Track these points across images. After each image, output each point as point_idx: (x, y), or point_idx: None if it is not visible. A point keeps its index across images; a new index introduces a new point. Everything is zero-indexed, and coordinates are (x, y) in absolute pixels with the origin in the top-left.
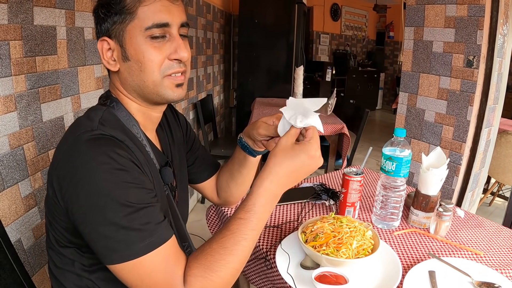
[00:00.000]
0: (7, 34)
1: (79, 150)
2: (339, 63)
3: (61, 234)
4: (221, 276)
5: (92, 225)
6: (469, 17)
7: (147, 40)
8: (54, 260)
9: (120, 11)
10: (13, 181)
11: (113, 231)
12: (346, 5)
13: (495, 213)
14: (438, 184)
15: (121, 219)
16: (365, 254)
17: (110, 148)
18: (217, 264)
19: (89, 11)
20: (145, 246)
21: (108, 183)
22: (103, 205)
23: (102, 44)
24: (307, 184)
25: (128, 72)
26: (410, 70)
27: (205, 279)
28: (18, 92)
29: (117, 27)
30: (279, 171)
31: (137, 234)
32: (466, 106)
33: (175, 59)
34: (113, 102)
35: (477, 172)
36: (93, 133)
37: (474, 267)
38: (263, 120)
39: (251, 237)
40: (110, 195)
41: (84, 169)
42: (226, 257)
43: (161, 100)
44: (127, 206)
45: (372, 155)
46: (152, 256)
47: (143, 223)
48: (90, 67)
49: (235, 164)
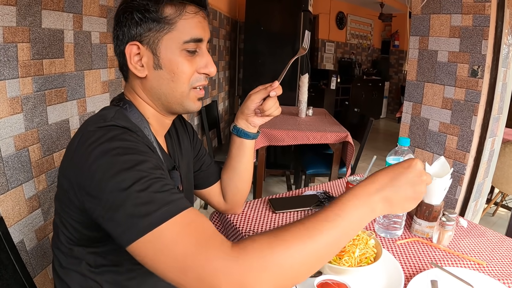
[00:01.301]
0: (15, 36)
1: (90, 136)
2: (344, 71)
3: (74, 230)
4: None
5: (108, 205)
6: (474, 27)
7: (182, 52)
8: (59, 260)
9: (158, 19)
10: (17, 182)
11: (131, 206)
12: (352, 14)
13: (499, 223)
14: (442, 194)
15: (138, 193)
16: (368, 263)
17: (123, 132)
18: (284, 240)
19: (97, 15)
20: (163, 213)
21: (121, 156)
22: (118, 182)
23: (131, 48)
24: (310, 192)
25: (157, 80)
26: (415, 79)
27: (263, 251)
28: (24, 94)
29: (152, 35)
30: (376, 175)
31: (154, 204)
32: (470, 115)
33: (203, 73)
34: (126, 104)
35: (480, 182)
36: (106, 123)
37: (477, 277)
38: (255, 95)
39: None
40: (124, 171)
41: (97, 149)
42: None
43: (182, 110)
44: (142, 180)
45: (376, 164)
46: (171, 224)
47: (159, 191)
48: (96, 71)
49: (233, 155)
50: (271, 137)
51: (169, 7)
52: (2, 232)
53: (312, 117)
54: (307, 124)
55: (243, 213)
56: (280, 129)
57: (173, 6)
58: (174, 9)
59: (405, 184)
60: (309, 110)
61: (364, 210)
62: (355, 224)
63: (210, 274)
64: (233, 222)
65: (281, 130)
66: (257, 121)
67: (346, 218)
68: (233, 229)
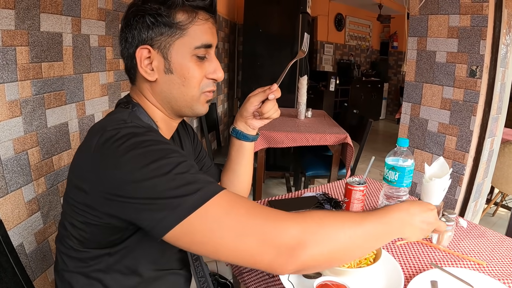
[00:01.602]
0: (13, 39)
1: (116, 133)
2: (343, 73)
3: (86, 233)
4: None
5: (149, 188)
6: (472, 27)
7: (192, 57)
8: (66, 262)
9: (170, 24)
10: (16, 185)
11: (167, 189)
12: (350, 15)
13: (498, 223)
14: (441, 194)
15: (172, 175)
16: (367, 264)
17: (146, 129)
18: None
19: (95, 18)
20: (201, 194)
21: (154, 146)
22: (157, 164)
23: (142, 52)
24: (310, 194)
25: (167, 84)
26: (414, 80)
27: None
28: (23, 98)
29: (164, 39)
30: (410, 207)
31: (191, 185)
32: (469, 116)
33: (212, 78)
34: (135, 106)
35: (480, 182)
36: (126, 124)
37: (477, 278)
38: (254, 97)
39: (366, 231)
40: (160, 155)
41: (127, 143)
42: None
43: (191, 114)
44: (175, 163)
45: (375, 165)
46: (215, 201)
47: (194, 173)
48: (95, 74)
49: (232, 157)
50: (270, 139)
51: (181, 12)
52: (1, 236)
53: (311, 119)
54: (306, 126)
55: None
56: (279, 131)
57: (185, 12)
58: (186, 15)
59: (425, 219)
60: (308, 112)
61: (401, 222)
62: (395, 228)
63: (271, 231)
64: None
65: (280, 132)
66: (256, 123)
67: (388, 220)
68: None
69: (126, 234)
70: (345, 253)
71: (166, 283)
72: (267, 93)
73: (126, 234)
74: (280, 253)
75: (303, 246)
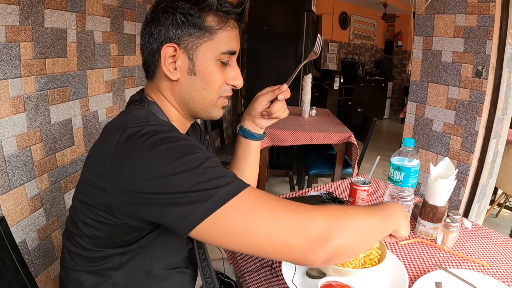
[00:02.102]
0: (18, 35)
1: (140, 130)
2: (347, 72)
3: (101, 232)
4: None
5: (177, 182)
6: (479, 27)
7: (216, 62)
8: (75, 260)
9: (200, 26)
10: (19, 182)
11: (205, 176)
12: (355, 14)
13: (502, 224)
14: (446, 195)
15: (201, 168)
16: (372, 264)
17: (169, 127)
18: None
19: (100, 15)
20: (232, 187)
21: (180, 141)
22: (185, 159)
23: (167, 49)
24: (314, 193)
25: (188, 85)
26: (419, 80)
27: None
28: (27, 94)
29: (192, 40)
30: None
31: (220, 178)
32: (474, 116)
33: (231, 84)
34: (150, 104)
35: (484, 183)
36: (150, 122)
37: (481, 279)
38: (263, 97)
39: (371, 222)
40: (187, 151)
41: (152, 138)
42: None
43: (206, 117)
44: (203, 158)
45: (379, 165)
46: (245, 195)
47: (222, 168)
48: (99, 70)
49: (238, 156)
50: (274, 137)
51: (212, 16)
52: (4, 232)
53: (315, 118)
54: (310, 124)
55: None
56: (283, 129)
57: (217, 16)
58: (217, 20)
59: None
60: (312, 111)
61: (397, 218)
62: (393, 222)
63: (303, 222)
64: None
65: (284, 131)
66: (264, 122)
67: (389, 215)
68: None
69: (142, 234)
70: (364, 243)
71: (173, 281)
72: (276, 93)
73: (142, 234)
74: (312, 242)
75: (332, 235)
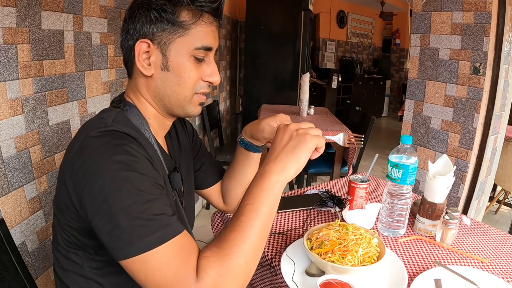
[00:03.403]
0: (15, 37)
1: (92, 143)
2: (345, 70)
3: (72, 236)
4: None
5: (106, 217)
6: (476, 24)
7: (190, 58)
8: (60, 262)
9: (174, 21)
10: (18, 184)
11: (127, 222)
12: (353, 12)
13: (501, 221)
14: (445, 192)
15: (135, 210)
16: (371, 262)
17: (124, 141)
18: (228, 246)
19: (97, 16)
20: (159, 237)
21: (123, 172)
22: (118, 195)
23: (141, 45)
24: (312, 191)
25: (162, 81)
26: (417, 77)
27: (219, 262)
28: (25, 96)
29: (165, 36)
30: (271, 151)
31: (151, 225)
32: (472, 113)
33: (207, 81)
34: (127, 105)
35: (483, 179)
36: (107, 128)
37: (481, 276)
38: (267, 123)
39: (260, 222)
40: (125, 185)
41: (98, 160)
42: (237, 241)
43: (183, 114)
44: (141, 196)
45: (378, 162)
46: (167, 247)
47: (157, 214)
48: (97, 71)
49: (238, 166)
50: None
51: (186, 11)
52: (3, 234)
53: (314, 116)
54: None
55: None
56: None
57: (190, 11)
58: (191, 15)
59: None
60: (310, 109)
61: (269, 188)
62: (270, 205)
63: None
64: None
65: None
66: (268, 136)
67: (261, 208)
68: None
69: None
70: (254, 261)
71: None
72: (278, 118)
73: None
74: None
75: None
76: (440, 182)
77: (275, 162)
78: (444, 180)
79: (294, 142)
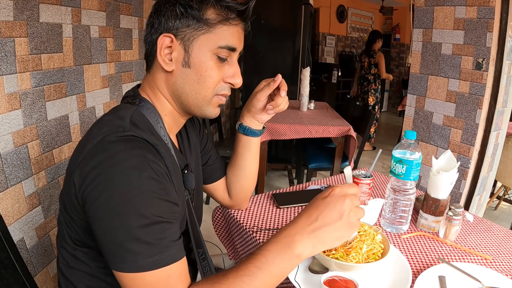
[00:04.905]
0: (12, 31)
1: (108, 149)
2: (345, 65)
3: (77, 234)
4: None
5: (106, 227)
6: (479, 19)
7: (213, 56)
8: (66, 259)
9: (199, 18)
10: (16, 179)
11: (125, 239)
12: (352, 7)
13: (501, 217)
14: (448, 188)
15: (136, 229)
16: (375, 259)
17: (143, 152)
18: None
19: (96, 9)
20: (152, 262)
21: (134, 189)
22: (122, 210)
23: (164, 39)
24: (314, 187)
25: (182, 78)
26: (419, 72)
27: None
28: (23, 90)
29: (189, 32)
30: (298, 217)
31: (148, 247)
32: (475, 109)
33: (229, 83)
34: (142, 101)
35: (485, 175)
36: (125, 134)
37: (484, 272)
38: (255, 91)
39: (259, 278)
40: (132, 202)
41: (112, 169)
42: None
43: (200, 114)
44: (146, 217)
45: (381, 158)
46: (156, 273)
47: (157, 238)
48: (96, 65)
49: (238, 153)
50: (272, 131)
51: (212, 10)
52: (1, 231)
53: (314, 111)
54: (309, 117)
55: (247, 209)
56: (282, 123)
57: (217, 10)
58: (217, 14)
59: (329, 214)
60: (310, 104)
61: (287, 257)
62: (277, 273)
63: None
64: (237, 218)
65: (283, 124)
66: (265, 117)
67: (266, 271)
68: (237, 225)
69: None
70: None
71: None
72: (272, 86)
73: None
74: None
75: None
76: (444, 178)
77: (309, 237)
78: (448, 176)
79: (343, 224)
